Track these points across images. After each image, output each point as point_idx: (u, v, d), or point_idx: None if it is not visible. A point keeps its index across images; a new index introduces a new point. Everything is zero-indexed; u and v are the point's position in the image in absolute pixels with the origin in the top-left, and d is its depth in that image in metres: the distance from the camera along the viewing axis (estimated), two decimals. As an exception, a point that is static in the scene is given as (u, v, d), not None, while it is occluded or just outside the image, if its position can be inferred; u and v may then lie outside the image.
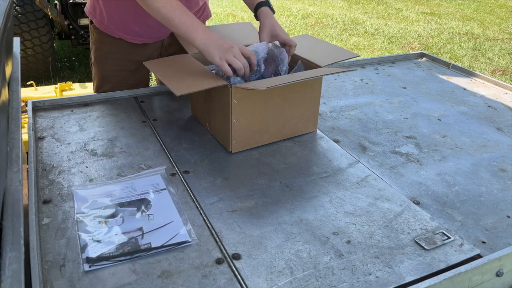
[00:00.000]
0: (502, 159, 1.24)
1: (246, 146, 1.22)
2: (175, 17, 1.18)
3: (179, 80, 1.16)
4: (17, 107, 0.95)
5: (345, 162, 1.19)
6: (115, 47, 1.47)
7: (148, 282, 0.78)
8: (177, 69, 1.22)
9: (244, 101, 1.15)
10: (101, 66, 1.52)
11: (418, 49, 5.34)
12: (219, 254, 0.86)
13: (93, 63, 1.54)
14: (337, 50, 1.38)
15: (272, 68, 1.30)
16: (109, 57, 1.49)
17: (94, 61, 1.53)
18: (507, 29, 6.28)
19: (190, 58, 1.29)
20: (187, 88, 1.13)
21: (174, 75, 1.18)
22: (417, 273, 0.83)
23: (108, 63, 1.50)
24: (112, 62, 1.49)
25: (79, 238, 0.87)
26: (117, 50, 1.47)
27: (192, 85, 1.14)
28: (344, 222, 0.96)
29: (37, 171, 1.08)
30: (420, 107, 1.55)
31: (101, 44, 1.49)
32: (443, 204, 1.04)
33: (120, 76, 1.51)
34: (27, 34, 3.68)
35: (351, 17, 6.79)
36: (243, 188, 1.06)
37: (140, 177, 1.07)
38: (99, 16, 1.45)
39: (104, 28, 1.45)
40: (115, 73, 1.51)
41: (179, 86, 1.12)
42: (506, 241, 0.93)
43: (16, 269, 0.55)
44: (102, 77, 1.53)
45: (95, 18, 1.46)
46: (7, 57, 0.96)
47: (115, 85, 1.51)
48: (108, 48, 1.48)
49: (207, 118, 1.30)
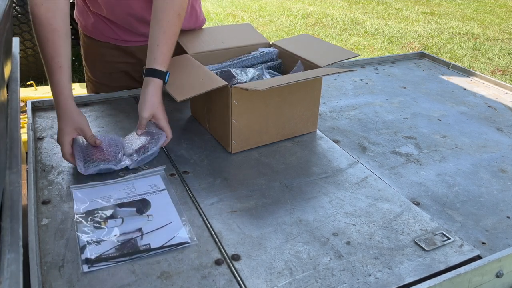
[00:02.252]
0: (502, 160, 1.24)
1: (245, 147, 1.22)
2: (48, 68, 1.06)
3: (179, 84, 1.16)
4: (16, 107, 0.95)
5: (345, 163, 1.18)
6: (103, 49, 1.46)
7: (147, 283, 0.78)
8: (176, 72, 1.21)
9: (243, 101, 1.14)
10: (91, 69, 1.52)
11: (418, 49, 5.34)
12: (219, 255, 0.86)
13: (84, 65, 1.55)
14: (337, 50, 1.37)
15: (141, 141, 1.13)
16: (97, 59, 1.49)
17: (85, 63, 1.53)
18: (507, 29, 6.28)
19: (190, 58, 1.29)
20: (188, 92, 1.12)
21: (174, 79, 1.17)
22: (417, 274, 0.83)
23: (98, 65, 1.50)
24: (102, 64, 1.49)
25: (78, 239, 0.87)
26: (105, 52, 1.46)
27: (192, 88, 1.14)
28: (343, 223, 0.96)
29: (37, 172, 1.08)
30: (420, 107, 1.54)
31: (89, 47, 1.48)
32: (443, 205, 1.04)
33: (111, 78, 1.51)
34: (27, 34, 3.68)
35: (351, 17, 6.78)
36: (243, 188, 1.06)
37: (140, 177, 1.07)
38: (84, 21, 1.45)
39: (89, 32, 1.45)
40: (106, 75, 1.51)
41: (179, 91, 1.11)
42: (506, 242, 0.93)
43: (14, 270, 0.54)
44: (95, 79, 1.53)
45: (79, 22, 1.47)
46: (6, 57, 0.95)
47: (106, 86, 1.51)
48: (96, 50, 1.47)
49: (207, 118, 1.30)
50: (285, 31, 5.87)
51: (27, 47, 3.72)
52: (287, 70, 1.39)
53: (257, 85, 1.10)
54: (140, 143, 1.11)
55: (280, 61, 1.42)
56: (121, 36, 1.42)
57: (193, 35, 1.46)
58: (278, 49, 1.42)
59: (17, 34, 3.61)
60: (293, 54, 1.36)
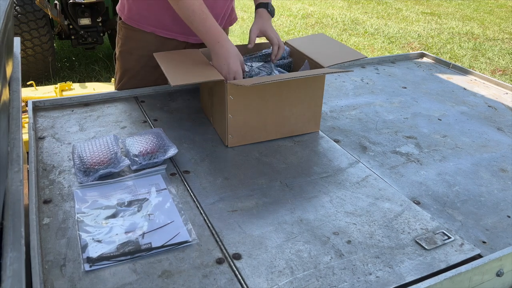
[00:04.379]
0: (502, 159, 1.24)
1: (242, 141, 1.23)
2: (199, 22, 1.24)
3: (179, 72, 1.19)
4: (18, 107, 0.95)
5: (346, 162, 1.19)
6: (142, 43, 1.49)
7: (149, 282, 0.78)
8: (181, 62, 1.25)
9: (239, 97, 1.16)
10: (125, 60, 1.55)
11: (418, 49, 5.34)
12: (220, 254, 0.86)
13: (117, 58, 1.57)
14: (346, 51, 1.38)
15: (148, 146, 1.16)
16: (133, 52, 1.52)
17: (119, 56, 1.56)
18: (507, 29, 6.28)
19: (198, 53, 1.32)
20: (182, 79, 1.16)
21: (176, 68, 1.21)
22: (417, 273, 0.83)
23: (132, 58, 1.53)
24: (136, 57, 1.52)
25: (79, 238, 0.87)
26: (143, 45, 1.49)
27: (188, 77, 1.18)
28: (344, 222, 0.96)
29: (38, 171, 1.08)
30: (420, 107, 1.55)
31: (128, 40, 1.52)
32: (443, 204, 1.04)
33: (142, 72, 1.54)
34: (27, 34, 3.68)
35: (351, 17, 6.79)
36: (244, 188, 1.06)
37: (141, 177, 1.07)
38: (128, 13, 1.48)
39: (135, 23, 1.48)
40: (138, 69, 1.54)
41: (176, 77, 1.15)
42: (506, 241, 0.93)
43: (16, 269, 0.55)
44: (125, 71, 1.56)
45: (123, 14, 1.50)
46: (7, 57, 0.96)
47: (137, 80, 1.54)
48: (135, 43, 1.51)
49: (211, 112, 1.32)
50: (285, 31, 5.88)
51: (27, 47, 3.72)
52: (296, 68, 1.40)
53: (246, 81, 1.14)
54: (148, 148, 1.12)
55: (290, 59, 1.43)
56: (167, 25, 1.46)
57: None
58: (290, 48, 1.43)
59: (17, 34, 3.61)
60: (302, 54, 1.37)
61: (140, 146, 1.12)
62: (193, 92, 1.55)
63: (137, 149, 1.11)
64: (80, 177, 1.04)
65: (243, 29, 5.81)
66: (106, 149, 1.10)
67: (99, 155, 1.08)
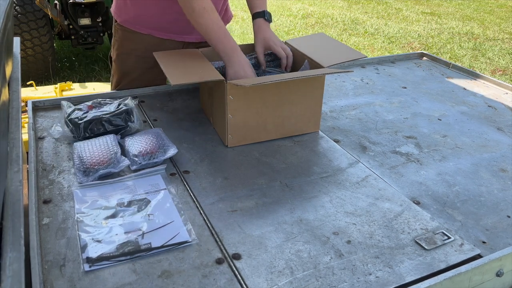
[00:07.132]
0: (502, 159, 1.24)
1: (242, 141, 1.23)
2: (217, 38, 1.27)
3: (179, 72, 1.20)
4: (17, 107, 0.95)
5: (345, 162, 1.19)
6: (139, 44, 1.49)
7: (148, 282, 0.78)
8: (181, 62, 1.25)
9: (239, 97, 1.16)
10: (122, 62, 1.55)
11: (418, 49, 5.34)
12: (219, 254, 0.86)
13: (114, 60, 1.57)
14: (346, 51, 1.38)
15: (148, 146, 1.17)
16: (132, 54, 1.52)
17: (116, 58, 1.56)
18: (507, 29, 6.28)
19: (198, 53, 1.32)
20: (182, 79, 1.17)
21: (176, 67, 1.22)
22: (417, 273, 0.83)
23: (130, 59, 1.53)
24: (135, 59, 1.52)
25: (79, 238, 0.87)
26: (141, 47, 1.49)
27: (188, 77, 1.19)
28: (344, 222, 0.96)
29: (37, 171, 1.08)
30: (420, 107, 1.55)
31: (125, 41, 1.52)
32: (443, 204, 1.04)
33: (139, 72, 1.54)
34: (27, 34, 3.68)
35: (351, 17, 6.79)
36: (243, 188, 1.06)
37: (140, 177, 1.07)
38: (124, 15, 1.48)
39: (131, 26, 1.48)
40: (135, 70, 1.54)
41: (176, 76, 1.16)
42: (506, 241, 0.93)
43: (16, 269, 0.55)
44: (123, 73, 1.56)
45: (120, 17, 1.50)
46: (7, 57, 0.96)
47: (134, 81, 1.55)
48: (133, 45, 1.51)
49: (211, 112, 1.32)
50: (285, 31, 5.88)
51: (27, 47, 3.72)
52: (296, 68, 1.40)
53: (246, 81, 1.14)
54: (147, 148, 1.12)
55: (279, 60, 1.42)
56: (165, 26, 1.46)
57: None
58: (290, 48, 1.43)
59: (17, 34, 3.61)
60: (302, 54, 1.37)
61: (140, 146, 1.12)
62: (193, 92, 1.55)
63: (137, 149, 1.11)
64: (80, 177, 1.04)
65: (243, 29, 5.81)
66: (105, 149, 1.10)
67: (99, 155, 1.08)
